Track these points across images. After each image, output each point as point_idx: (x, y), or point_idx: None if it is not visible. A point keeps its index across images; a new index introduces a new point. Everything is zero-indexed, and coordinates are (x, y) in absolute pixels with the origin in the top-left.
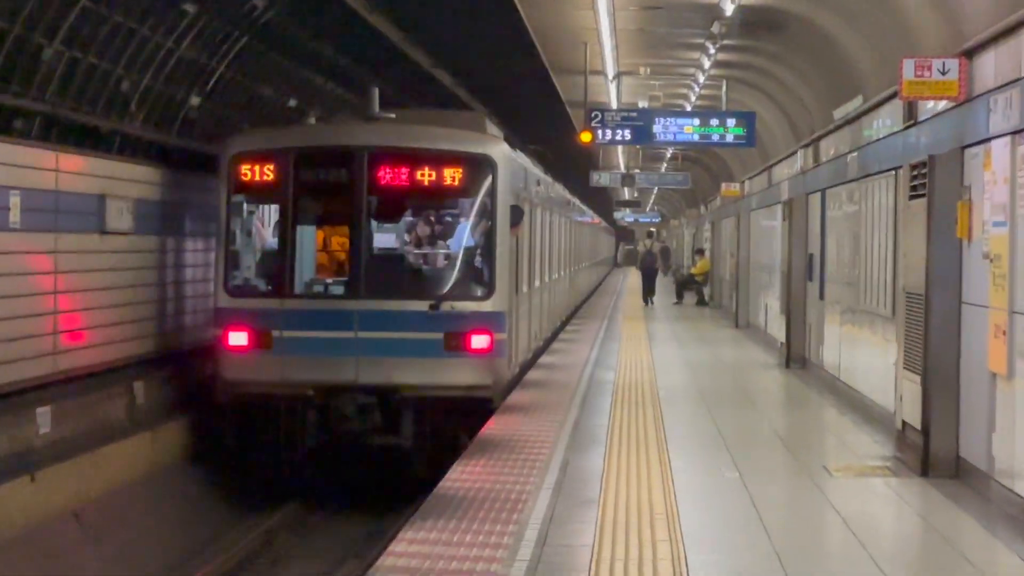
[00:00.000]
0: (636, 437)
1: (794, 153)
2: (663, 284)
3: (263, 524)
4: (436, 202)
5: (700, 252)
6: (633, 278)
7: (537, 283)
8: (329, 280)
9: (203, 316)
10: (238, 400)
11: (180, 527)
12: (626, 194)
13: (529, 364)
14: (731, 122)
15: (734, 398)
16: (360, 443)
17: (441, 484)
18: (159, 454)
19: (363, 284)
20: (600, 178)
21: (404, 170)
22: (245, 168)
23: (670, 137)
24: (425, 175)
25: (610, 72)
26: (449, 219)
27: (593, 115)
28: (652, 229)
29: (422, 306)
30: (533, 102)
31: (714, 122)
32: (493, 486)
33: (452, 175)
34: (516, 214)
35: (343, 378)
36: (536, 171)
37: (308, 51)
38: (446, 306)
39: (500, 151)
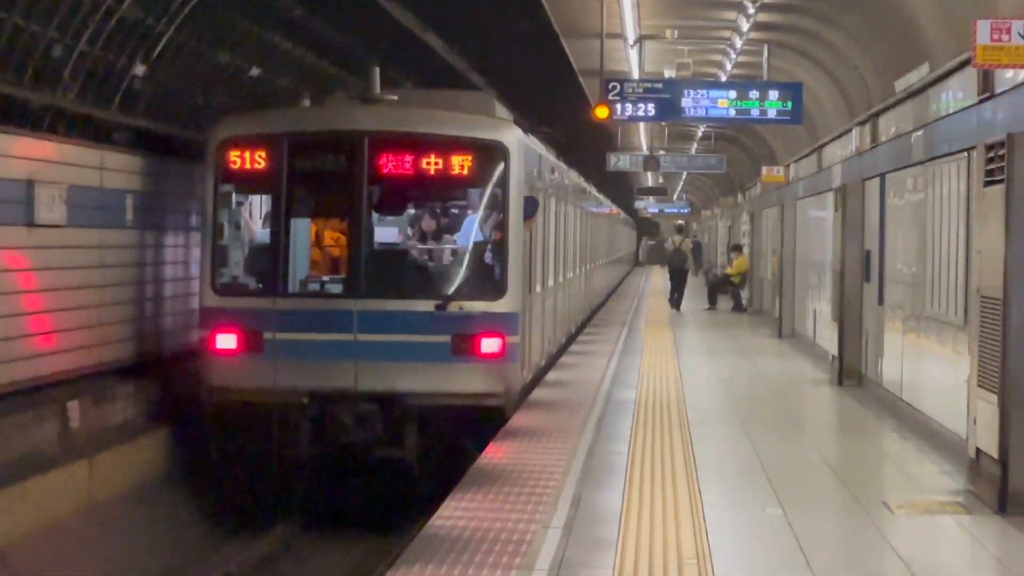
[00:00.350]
0: (661, 466)
1: (848, 131)
2: (694, 286)
3: (250, 548)
4: (443, 192)
5: (737, 249)
6: (657, 278)
7: (551, 283)
8: (326, 278)
9: (161, 322)
10: (225, 408)
11: (137, 561)
12: (649, 180)
13: (542, 373)
14: (773, 95)
15: (777, 420)
16: (359, 456)
17: (432, 521)
18: (102, 484)
19: (363, 282)
20: (619, 161)
21: (408, 157)
22: (234, 155)
23: (701, 112)
24: (431, 163)
25: (630, 36)
26: (457, 211)
27: (611, 86)
28: (681, 222)
29: (427, 306)
30: (538, 70)
31: (753, 95)
32: (492, 524)
33: (461, 163)
34: (530, 205)
35: (341, 384)
36: (550, 157)
37: (272, 9)
38: (453, 306)
39: (513, 137)
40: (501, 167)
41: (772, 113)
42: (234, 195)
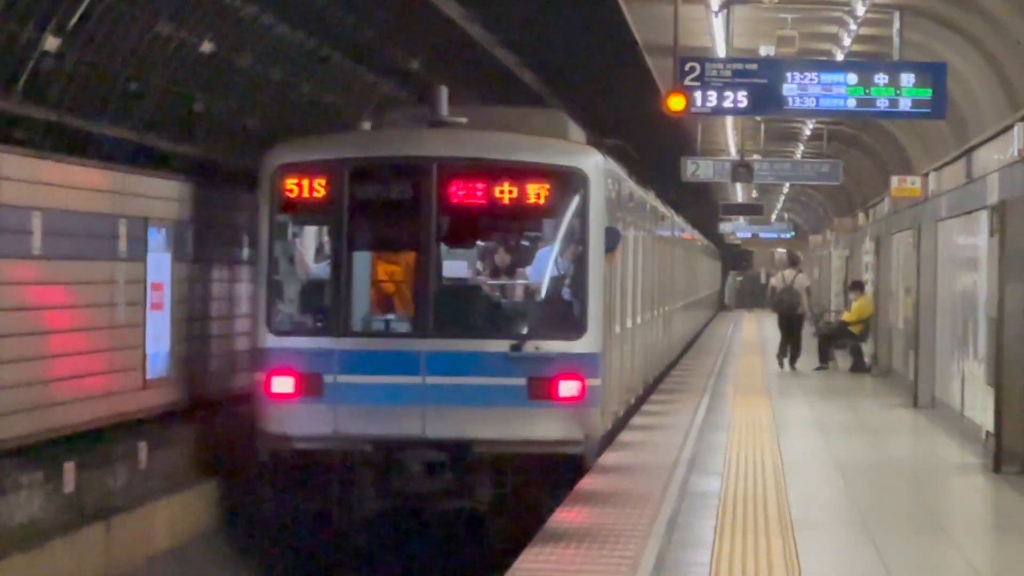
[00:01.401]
0: None
1: (1009, 128)
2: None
3: None
4: (517, 223)
5: (857, 287)
6: (750, 327)
7: (629, 324)
8: (391, 316)
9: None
10: (282, 458)
11: None
12: (739, 194)
13: (619, 427)
14: (907, 79)
15: (912, 521)
16: (427, 508)
17: None
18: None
19: (431, 320)
20: (698, 169)
21: (480, 185)
22: (291, 183)
23: (810, 103)
24: (504, 191)
25: (714, 0)
26: (532, 243)
27: (688, 68)
28: (797, 252)
29: (501, 346)
30: (589, 46)
31: (880, 79)
32: None
33: (536, 191)
34: (612, 237)
35: (408, 431)
36: (630, 182)
37: (318, 15)
38: (530, 346)
39: (592, 162)
40: (580, 195)
41: (905, 104)
42: (291, 226)
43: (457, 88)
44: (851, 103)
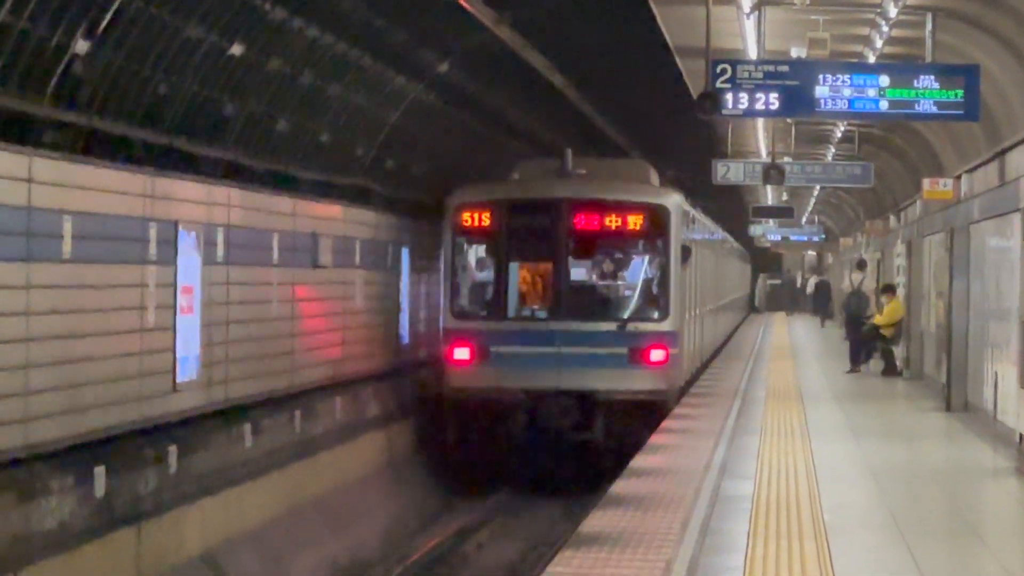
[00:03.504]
0: None
1: None
2: (830, 339)
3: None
4: (622, 242)
5: (888, 290)
6: (780, 329)
7: (695, 313)
8: (535, 306)
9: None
10: (461, 403)
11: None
12: (769, 197)
13: (688, 384)
14: (940, 81)
15: (945, 525)
16: (561, 438)
17: None
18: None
19: (563, 309)
20: (729, 171)
21: (596, 217)
22: (466, 215)
23: (842, 105)
24: (613, 221)
25: (746, 1)
26: (632, 256)
27: (719, 70)
28: (864, 256)
29: (610, 327)
30: (621, 48)
31: (913, 81)
32: None
33: (635, 221)
34: (686, 253)
35: (548, 385)
36: (692, 210)
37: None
38: (630, 327)
39: (673, 201)
40: (664, 224)
41: (938, 106)
42: (466, 245)
43: (486, 90)
44: (883, 105)
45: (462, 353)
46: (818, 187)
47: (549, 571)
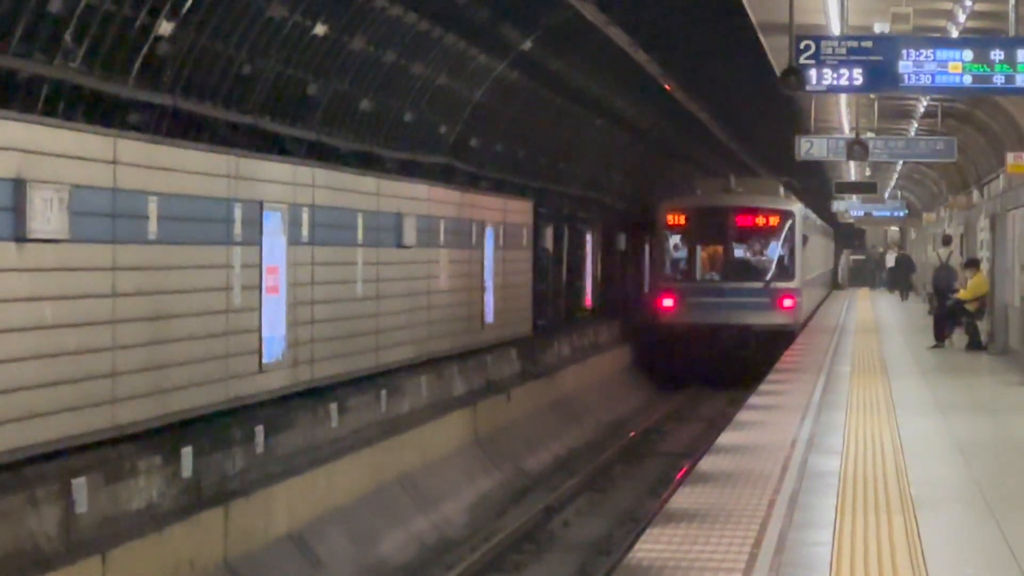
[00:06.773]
0: (878, 563)
1: None
2: (913, 313)
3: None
4: (765, 233)
5: (972, 264)
6: (864, 305)
7: (808, 278)
8: (713, 273)
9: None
10: (668, 332)
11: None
12: (852, 173)
13: (807, 321)
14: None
15: None
16: (729, 355)
17: None
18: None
19: (730, 274)
20: (812, 147)
21: (750, 217)
22: (670, 217)
23: (925, 80)
24: (760, 220)
25: None
26: (771, 241)
27: (803, 46)
28: (948, 232)
29: (759, 285)
30: (703, 26)
31: (996, 55)
32: None
33: (774, 219)
34: (804, 239)
35: (721, 321)
36: (807, 210)
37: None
38: (771, 285)
39: (798, 207)
40: (792, 221)
41: (1022, 80)
42: (670, 235)
43: (569, 67)
44: (967, 79)
45: (668, 302)
46: (901, 162)
47: (638, 547)
